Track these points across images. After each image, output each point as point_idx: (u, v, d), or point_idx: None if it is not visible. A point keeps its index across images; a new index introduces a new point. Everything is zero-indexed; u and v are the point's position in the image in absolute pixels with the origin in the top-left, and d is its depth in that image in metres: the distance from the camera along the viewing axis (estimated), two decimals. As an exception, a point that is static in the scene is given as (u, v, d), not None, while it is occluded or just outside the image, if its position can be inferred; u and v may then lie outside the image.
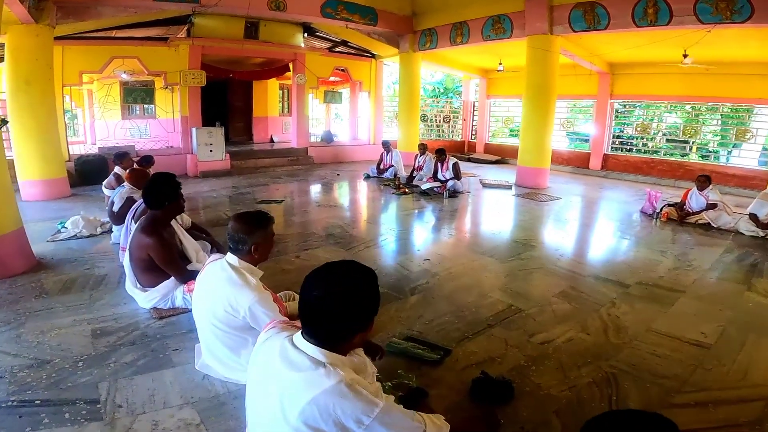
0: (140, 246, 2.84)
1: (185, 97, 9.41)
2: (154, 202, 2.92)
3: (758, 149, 9.20)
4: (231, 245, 2.07)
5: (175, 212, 3.08)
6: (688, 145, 10.29)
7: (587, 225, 5.70)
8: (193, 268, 3.02)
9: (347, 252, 4.31)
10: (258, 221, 2.06)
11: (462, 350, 2.57)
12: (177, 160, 9.34)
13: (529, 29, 7.90)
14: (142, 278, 2.95)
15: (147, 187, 2.98)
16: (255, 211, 2.13)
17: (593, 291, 3.49)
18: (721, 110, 9.53)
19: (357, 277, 1.21)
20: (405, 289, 3.45)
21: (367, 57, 11.81)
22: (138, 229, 2.89)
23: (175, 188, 3.00)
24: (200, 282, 2.18)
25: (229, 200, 6.93)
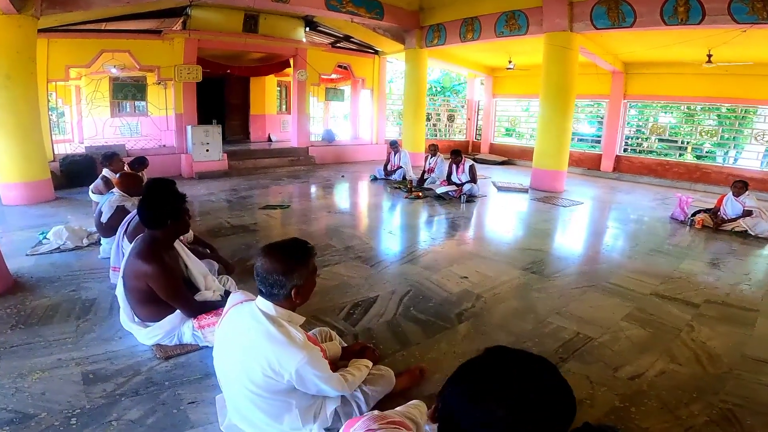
0: (137, 275, 2.30)
1: (180, 93, 8.83)
2: (153, 221, 2.38)
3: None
4: (263, 289, 1.58)
5: (179, 232, 2.53)
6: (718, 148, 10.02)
7: (622, 234, 5.31)
8: (202, 298, 2.51)
9: (373, 269, 3.83)
10: (297, 257, 1.58)
11: None
12: (171, 160, 8.78)
13: (547, 26, 7.51)
14: (141, 312, 2.43)
15: (144, 203, 2.42)
16: (290, 243, 1.62)
17: (663, 312, 3.09)
18: (738, 111, 9.26)
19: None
20: (450, 315, 2.99)
21: (370, 53, 11.33)
22: (134, 253, 2.34)
23: (178, 202, 2.46)
24: (226, 333, 1.69)
25: (229, 205, 6.39)
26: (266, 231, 5.05)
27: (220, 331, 1.71)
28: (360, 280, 3.54)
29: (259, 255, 1.58)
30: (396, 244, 4.61)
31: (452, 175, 7.36)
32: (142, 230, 3.15)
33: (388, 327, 2.80)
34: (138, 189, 4.20)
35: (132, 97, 9.47)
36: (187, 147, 8.94)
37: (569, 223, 5.93)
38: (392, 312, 3.01)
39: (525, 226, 5.79)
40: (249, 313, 1.60)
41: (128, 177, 4.23)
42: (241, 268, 3.69)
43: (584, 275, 3.78)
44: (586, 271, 3.88)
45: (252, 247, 4.35)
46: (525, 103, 12.80)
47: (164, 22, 9.00)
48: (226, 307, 1.75)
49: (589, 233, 5.39)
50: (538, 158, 8.19)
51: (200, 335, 2.38)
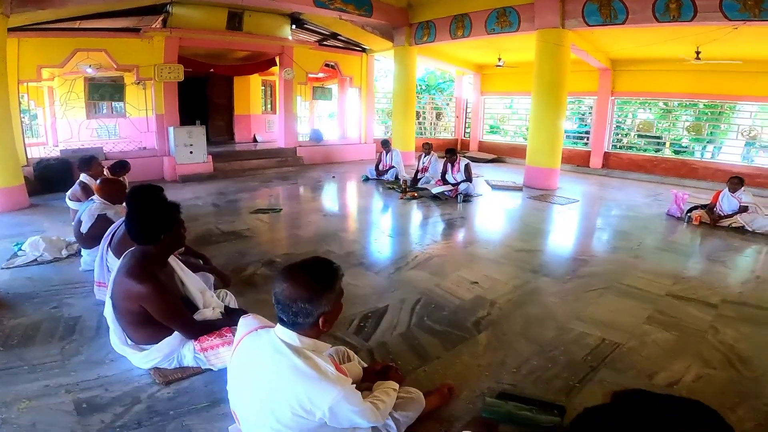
0: (129, 296, 2.06)
1: (160, 93, 8.47)
2: (144, 236, 2.12)
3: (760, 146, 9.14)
4: (284, 317, 1.37)
5: (173, 247, 2.28)
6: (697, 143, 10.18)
7: (622, 232, 5.26)
8: (201, 318, 2.28)
9: (378, 276, 3.65)
10: (324, 280, 1.38)
11: (578, 405, 2.03)
12: (152, 163, 8.42)
13: (539, 23, 7.44)
14: (135, 334, 2.19)
15: (133, 215, 2.16)
16: (314, 264, 1.41)
17: (683, 314, 3.01)
18: (723, 107, 9.39)
19: None
20: (467, 324, 2.84)
21: (357, 51, 11.12)
22: (123, 272, 2.09)
23: (172, 214, 2.21)
24: (242, 365, 1.48)
25: (217, 210, 6.11)
26: (260, 236, 4.82)
27: (235, 363, 1.51)
28: (366, 289, 3.36)
29: (278, 279, 1.37)
30: (398, 249, 4.43)
31: (447, 174, 7.23)
32: (129, 243, 2.89)
33: (403, 340, 2.62)
34: (121, 196, 3.92)
35: (109, 98, 9.04)
36: (169, 149, 8.59)
37: (569, 222, 5.87)
38: (405, 323, 2.84)
39: (526, 225, 5.69)
40: (269, 344, 1.40)
41: (110, 183, 3.94)
42: (237, 278, 3.47)
43: (596, 277, 3.68)
44: (597, 273, 3.78)
45: (246, 255, 4.11)
46: (509, 101, 12.76)
47: (143, 20, 8.62)
48: (239, 335, 1.54)
49: (590, 232, 5.32)
50: (531, 156, 8.14)
51: (203, 358, 2.16)
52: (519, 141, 13.01)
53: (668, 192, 8.13)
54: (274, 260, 3.98)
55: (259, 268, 3.80)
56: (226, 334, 2.17)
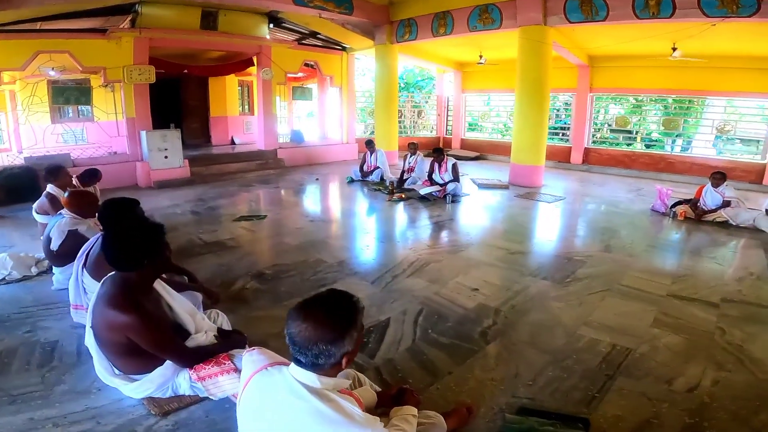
0: (112, 327, 1.85)
1: (130, 96, 8.08)
2: (125, 263, 1.87)
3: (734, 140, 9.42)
4: (303, 359, 1.22)
5: (158, 272, 2.05)
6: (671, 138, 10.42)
7: (612, 230, 5.26)
8: (194, 344, 2.07)
9: (375, 286, 3.50)
10: (347, 318, 1.23)
11: (601, 417, 1.97)
12: (124, 169, 8.03)
13: (522, 20, 7.42)
14: (123, 365, 1.99)
15: (111, 240, 1.89)
16: (332, 300, 1.26)
17: (688, 315, 2.99)
18: (699, 102, 9.62)
19: None
20: (473, 335, 2.73)
21: (337, 50, 10.90)
22: (104, 301, 1.86)
23: (156, 237, 1.95)
24: (253, 409, 1.32)
25: (198, 218, 5.81)
26: (245, 246, 4.58)
27: (245, 406, 1.34)
28: (364, 301, 3.09)
29: (293, 318, 1.21)
30: (392, 255, 4.29)
31: (434, 174, 7.13)
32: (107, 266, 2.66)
33: (411, 356, 2.49)
34: (92, 209, 3.64)
35: (75, 102, 8.56)
36: (142, 154, 8.20)
37: (559, 221, 5.86)
38: (410, 337, 2.71)
39: (518, 226, 5.65)
40: (285, 386, 1.24)
41: (79, 196, 3.66)
42: (226, 294, 3.26)
43: (595, 278, 3.64)
44: (595, 274, 3.74)
45: (233, 268, 3.89)
46: (494, 98, 12.79)
47: (109, 20, 8.20)
48: (246, 373, 1.38)
49: (581, 231, 5.30)
50: (516, 153, 8.14)
51: (201, 387, 1.97)
52: (500, 138, 13.08)
53: (649, 186, 8.32)
54: (263, 272, 3.78)
55: (249, 281, 3.60)
56: (224, 362, 1.99)
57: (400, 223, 5.83)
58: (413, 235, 5.22)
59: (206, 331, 2.29)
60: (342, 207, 6.72)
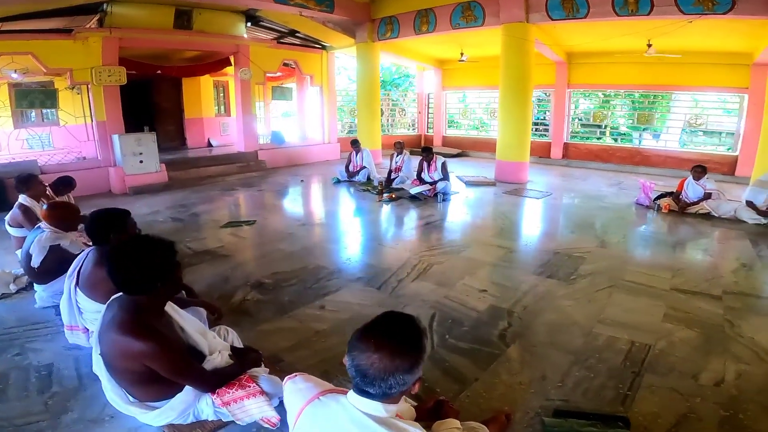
0: (128, 355, 1.69)
1: (100, 98, 7.68)
2: (137, 286, 1.71)
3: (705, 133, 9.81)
4: (372, 390, 1.11)
5: (171, 294, 1.89)
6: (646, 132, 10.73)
7: (603, 225, 5.36)
8: (211, 366, 1.92)
9: (381, 292, 3.41)
10: (419, 341, 1.13)
11: (639, 414, 1.99)
12: (96, 175, 7.64)
13: (504, 17, 7.47)
14: (141, 393, 1.83)
15: (120, 262, 1.70)
16: (398, 325, 1.15)
17: (695, 309, 3.05)
18: (671, 97, 9.96)
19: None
20: (492, 339, 2.70)
21: (317, 49, 10.69)
22: (116, 328, 1.69)
23: (169, 258, 1.78)
24: None
25: (182, 225, 5.56)
26: (238, 254, 4.40)
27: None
28: (374, 308, 3.12)
29: (361, 349, 1.09)
30: (393, 258, 4.20)
31: (423, 173, 7.09)
32: (103, 281, 2.47)
33: (433, 364, 2.43)
34: (74, 221, 3.41)
35: (40, 105, 8.05)
36: (115, 159, 7.82)
37: (550, 217, 5.94)
38: (428, 344, 2.64)
39: (511, 223, 5.68)
40: (347, 419, 1.14)
41: (60, 208, 3.40)
42: (227, 307, 3.12)
43: (598, 275, 3.68)
44: (597, 270, 3.78)
45: (229, 278, 3.72)
46: (475, 95, 12.86)
47: (75, 20, 7.77)
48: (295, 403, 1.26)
49: (573, 226, 5.31)
50: (501, 150, 8.20)
51: (225, 412, 1.84)
52: (481, 135, 13.18)
53: (628, 180, 8.57)
54: (262, 282, 3.63)
55: (249, 292, 3.44)
56: (249, 384, 1.87)
57: (395, 224, 5.76)
58: (410, 237, 5.16)
59: (220, 351, 2.15)
60: (332, 209, 6.58)
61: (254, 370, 2.06)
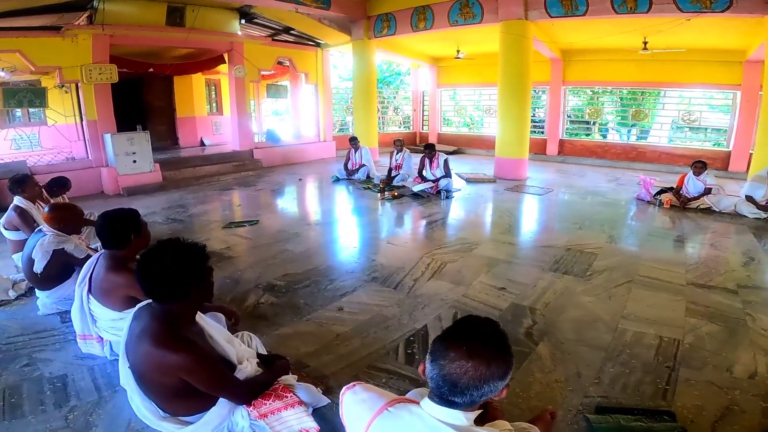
0: (163, 369, 1.61)
1: (91, 97, 7.47)
2: (171, 294, 1.61)
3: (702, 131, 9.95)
4: (459, 400, 1.04)
5: (204, 300, 1.81)
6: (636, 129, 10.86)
7: (608, 220, 5.37)
8: (243, 376, 1.83)
9: (398, 292, 3.35)
10: (509, 348, 1.08)
11: (682, 408, 2.00)
12: (87, 175, 7.44)
13: (503, 14, 7.46)
14: (175, 407, 1.75)
15: (153, 268, 1.60)
16: (484, 327, 1.10)
17: (714, 303, 3.06)
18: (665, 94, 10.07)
19: None
20: (519, 337, 2.67)
21: (312, 46, 10.56)
22: (149, 339, 1.60)
23: (202, 259, 1.69)
24: None
25: (182, 226, 5.42)
26: (245, 256, 4.29)
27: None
28: (393, 309, 3.07)
29: (452, 358, 1.02)
30: (405, 257, 4.14)
31: (424, 170, 7.05)
32: (119, 286, 2.37)
33: (464, 365, 2.38)
34: (77, 224, 3.30)
35: (29, 104, 7.76)
36: (107, 159, 7.62)
37: (555, 213, 5.94)
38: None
39: (517, 220, 5.68)
40: (426, 430, 1.08)
41: (61, 210, 3.28)
42: (241, 311, 3.01)
43: (614, 270, 3.68)
44: (612, 266, 3.78)
45: (239, 281, 3.62)
46: (469, 92, 12.86)
47: (63, 17, 7.55)
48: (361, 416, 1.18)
49: (580, 223, 5.28)
50: (500, 147, 8.21)
51: (263, 425, 1.76)
52: (477, 132, 13.20)
53: (625, 176, 8.65)
54: (274, 284, 3.54)
55: (262, 295, 3.35)
56: (286, 395, 1.79)
57: (401, 222, 5.70)
58: (418, 235, 5.11)
59: (248, 359, 2.07)
60: (335, 208, 6.49)
61: (285, 379, 1.99)
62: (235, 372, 1.87)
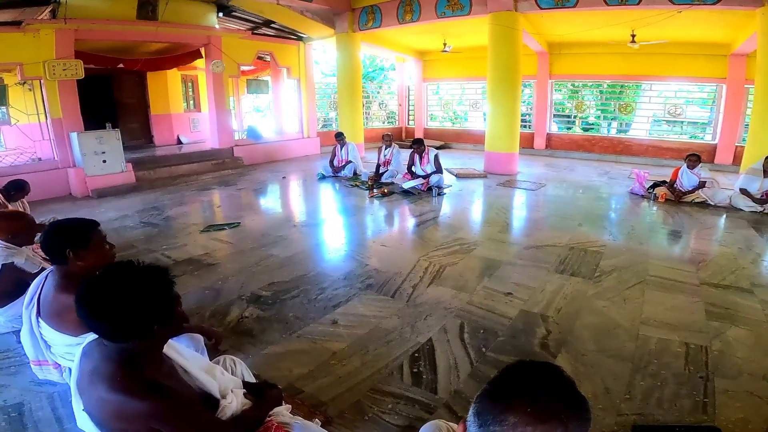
0: (123, 416, 1.27)
1: (55, 94, 6.97)
2: (126, 334, 1.26)
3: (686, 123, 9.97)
4: None
5: (171, 335, 1.45)
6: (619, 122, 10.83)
7: (606, 216, 5.25)
8: (229, 413, 1.51)
9: (397, 301, 3.08)
10: (584, 400, 0.80)
11: (727, 422, 1.83)
12: (54, 177, 6.95)
13: (492, 6, 7.24)
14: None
15: (96, 302, 1.24)
16: (557, 381, 0.82)
17: (732, 304, 2.90)
18: (651, 87, 10.04)
19: None
20: (534, 348, 2.44)
21: (293, 40, 10.15)
22: (100, 381, 1.27)
23: (167, 287, 1.33)
24: None
25: (156, 230, 4.99)
26: (228, 263, 3.92)
27: None
28: (393, 320, 2.80)
29: (506, 422, 0.74)
30: (400, 261, 3.87)
31: (414, 166, 6.79)
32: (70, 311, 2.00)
33: (479, 384, 2.12)
34: (29, 234, 2.91)
35: (-11, 103, 7.25)
36: (74, 159, 7.13)
37: (552, 209, 5.74)
38: (465, 360, 2.35)
39: (513, 217, 5.48)
40: None
41: (10, 220, 2.89)
42: (223, 328, 2.73)
43: (623, 270, 3.49)
44: (620, 266, 3.60)
45: (220, 292, 3.28)
46: (455, 86, 12.62)
47: (24, 12, 7.01)
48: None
49: (578, 219, 5.05)
50: (490, 141, 8.01)
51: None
52: (464, 126, 13.00)
53: (614, 169, 8.59)
54: (259, 294, 3.22)
55: (246, 308, 3.02)
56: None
57: (393, 222, 5.44)
58: (413, 236, 4.84)
59: (233, 391, 1.75)
60: (322, 208, 6.17)
61: (278, 412, 1.70)
62: (219, 409, 1.57)
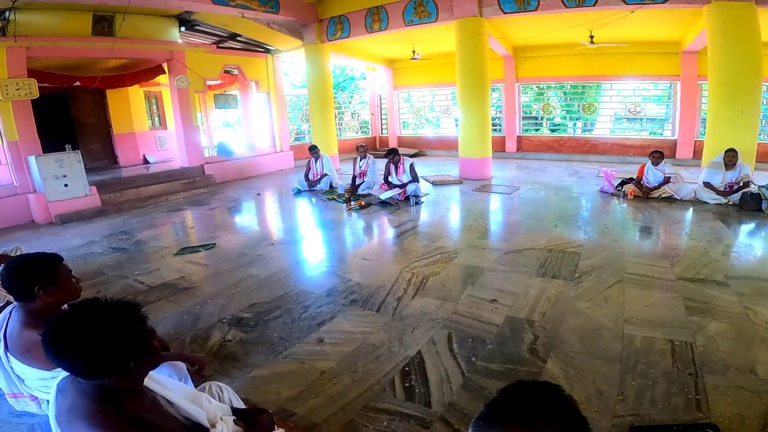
0: None
1: (9, 115, 6.63)
2: (99, 373, 1.20)
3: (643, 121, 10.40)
4: None
5: (149, 369, 1.38)
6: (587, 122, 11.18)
7: (579, 216, 5.36)
8: None
9: (382, 315, 3.02)
10: (584, 420, 0.78)
11: (723, 418, 1.85)
12: (13, 203, 6.59)
13: (458, 12, 7.37)
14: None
15: (64, 345, 1.17)
16: (544, 393, 0.79)
17: (710, 298, 2.98)
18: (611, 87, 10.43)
19: None
20: (523, 355, 2.43)
21: (261, 52, 10.02)
22: (79, 420, 1.18)
23: (139, 323, 1.27)
24: None
25: (127, 256, 4.76)
26: (205, 286, 3.77)
27: None
28: (380, 335, 2.75)
29: None
30: (382, 274, 3.81)
31: (390, 176, 6.77)
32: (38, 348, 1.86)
33: (472, 395, 2.10)
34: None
35: (-64, 127, 6.79)
36: (34, 184, 6.76)
37: (527, 212, 5.82)
38: (457, 371, 2.32)
39: (491, 222, 5.54)
40: None
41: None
42: (205, 353, 2.61)
43: (601, 270, 3.56)
44: (598, 265, 3.67)
45: (199, 316, 3.15)
46: (427, 93, 12.75)
47: (-27, 31, 6.64)
48: None
49: (553, 220, 5.14)
50: (463, 147, 8.11)
51: None
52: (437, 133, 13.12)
53: (583, 168, 8.84)
54: (241, 317, 3.11)
55: (228, 331, 2.91)
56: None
57: (372, 234, 5.39)
58: (393, 247, 4.79)
59: (222, 418, 1.66)
60: (300, 224, 6.06)
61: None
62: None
